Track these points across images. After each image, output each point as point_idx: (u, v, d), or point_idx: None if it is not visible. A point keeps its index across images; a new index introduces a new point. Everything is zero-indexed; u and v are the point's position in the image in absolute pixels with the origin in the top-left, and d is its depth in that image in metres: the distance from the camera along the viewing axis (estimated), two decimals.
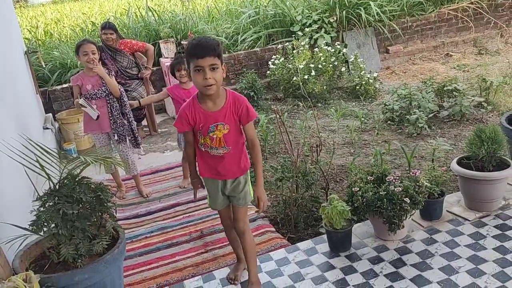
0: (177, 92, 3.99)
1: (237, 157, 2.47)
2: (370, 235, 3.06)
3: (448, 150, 4.30)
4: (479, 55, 7.77)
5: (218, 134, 2.37)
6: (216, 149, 2.41)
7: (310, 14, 7.38)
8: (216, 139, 2.38)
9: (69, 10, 12.99)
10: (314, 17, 7.29)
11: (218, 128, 2.36)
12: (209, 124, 2.35)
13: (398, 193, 2.78)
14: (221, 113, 2.35)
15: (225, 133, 2.37)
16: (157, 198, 4.16)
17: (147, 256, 3.25)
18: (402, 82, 6.59)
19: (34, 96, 5.33)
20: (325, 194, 3.56)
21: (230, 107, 2.36)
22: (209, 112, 2.36)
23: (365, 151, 4.65)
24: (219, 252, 3.20)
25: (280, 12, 7.57)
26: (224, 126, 2.36)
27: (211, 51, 2.17)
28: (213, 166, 2.48)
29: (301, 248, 3.02)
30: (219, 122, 2.35)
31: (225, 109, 2.35)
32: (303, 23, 7.31)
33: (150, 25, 7.44)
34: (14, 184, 2.71)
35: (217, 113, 2.35)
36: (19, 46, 5.29)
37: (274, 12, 7.62)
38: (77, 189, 2.20)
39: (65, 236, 2.15)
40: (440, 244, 2.89)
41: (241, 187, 2.53)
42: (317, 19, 7.28)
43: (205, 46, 2.18)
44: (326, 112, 5.89)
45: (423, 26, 8.06)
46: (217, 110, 2.35)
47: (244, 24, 7.66)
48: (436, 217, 3.14)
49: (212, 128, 2.36)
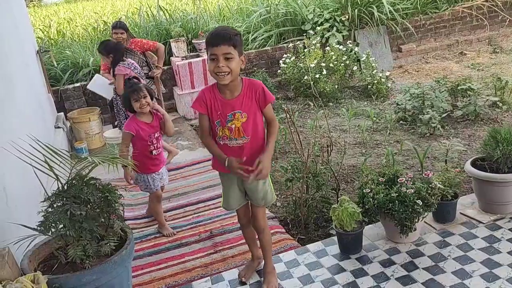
0: (140, 128, 3.26)
1: (258, 148, 2.44)
2: (381, 238, 3.02)
3: (462, 150, 4.23)
4: (494, 54, 7.64)
5: (236, 124, 2.36)
6: (235, 140, 2.40)
7: (322, 13, 7.32)
8: (235, 129, 2.38)
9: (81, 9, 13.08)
10: (326, 16, 7.23)
11: (235, 117, 2.36)
12: (226, 112, 2.36)
13: (410, 195, 2.73)
14: (238, 101, 2.36)
15: (243, 122, 2.36)
16: (167, 198, 4.15)
17: (156, 256, 3.25)
18: (415, 81, 6.51)
19: (46, 95, 5.36)
20: (335, 195, 3.52)
21: (247, 93, 2.36)
22: (226, 100, 2.37)
23: (377, 151, 4.60)
24: (229, 253, 3.18)
25: (292, 11, 7.52)
26: (241, 115, 2.36)
27: (226, 40, 2.20)
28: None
29: (311, 250, 2.99)
30: (236, 110, 2.35)
31: (242, 96, 2.36)
32: (315, 21, 7.25)
33: (161, 24, 7.45)
34: (23, 184, 2.72)
35: (234, 101, 2.36)
36: (31, 45, 5.33)
37: (286, 10, 7.58)
38: (85, 189, 2.19)
39: (73, 237, 2.14)
40: (453, 247, 2.83)
41: (260, 185, 2.51)
42: (328, 18, 7.22)
43: (221, 35, 2.21)
44: (337, 112, 5.84)
45: (437, 24, 7.95)
46: (234, 98, 2.36)
47: (255, 23, 7.63)
48: (449, 219, 3.08)
49: (230, 116, 2.36)
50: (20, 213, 2.47)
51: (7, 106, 2.93)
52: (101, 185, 2.32)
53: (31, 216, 2.35)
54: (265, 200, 2.58)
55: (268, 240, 2.70)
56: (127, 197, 4.15)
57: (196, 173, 4.58)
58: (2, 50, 3.31)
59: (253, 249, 2.84)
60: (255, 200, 2.58)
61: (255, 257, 2.85)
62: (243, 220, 2.75)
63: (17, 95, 3.41)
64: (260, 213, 2.63)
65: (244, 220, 2.74)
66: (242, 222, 2.76)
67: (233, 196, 2.60)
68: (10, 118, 2.94)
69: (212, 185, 4.24)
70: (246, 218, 2.73)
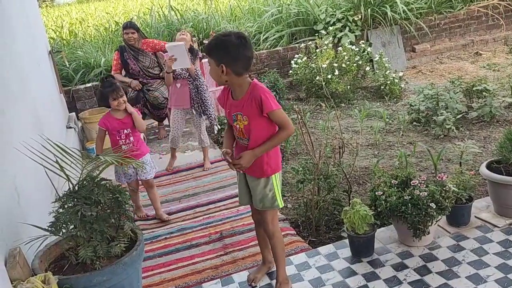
0: (111, 123, 3.56)
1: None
2: (393, 241, 2.99)
3: (476, 153, 4.18)
4: (510, 54, 7.54)
5: (239, 125, 2.43)
6: (241, 139, 2.48)
7: (334, 13, 7.29)
8: (238, 129, 2.44)
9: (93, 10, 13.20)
10: (338, 16, 7.20)
11: (238, 118, 2.42)
12: (232, 112, 2.45)
13: (424, 197, 2.71)
14: (241, 103, 2.40)
15: (245, 125, 2.41)
16: (177, 199, 4.17)
17: (167, 257, 3.26)
18: (429, 81, 6.45)
19: (58, 95, 5.42)
20: (347, 197, 3.50)
21: (248, 98, 2.38)
22: (232, 100, 2.45)
23: (390, 153, 4.57)
24: (239, 254, 3.18)
25: (304, 11, 7.50)
26: (243, 117, 2.40)
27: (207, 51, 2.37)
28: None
29: (322, 253, 2.98)
30: (239, 111, 2.41)
31: (244, 99, 2.40)
32: (327, 21, 7.23)
33: (172, 25, 7.49)
34: (35, 185, 2.75)
35: (238, 102, 2.42)
36: (44, 46, 5.39)
37: (297, 10, 7.56)
38: (96, 190, 2.20)
39: (84, 238, 2.16)
40: (467, 252, 2.80)
41: (259, 189, 2.50)
42: (341, 18, 7.19)
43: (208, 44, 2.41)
44: (350, 113, 5.81)
45: (452, 24, 7.88)
46: (238, 99, 2.42)
47: (267, 23, 7.63)
48: (464, 223, 3.05)
49: (234, 117, 2.44)
50: (31, 213, 2.50)
51: (19, 106, 2.96)
52: (112, 186, 2.34)
53: (43, 216, 2.38)
54: (263, 203, 2.52)
55: (279, 247, 2.61)
56: None
57: (207, 174, 4.59)
58: (15, 50, 3.35)
59: (264, 251, 2.80)
60: (254, 201, 2.57)
61: (266, 261, 2.81)
62: (256, 215, 2.71)
63: (30, 95, 3.45)
64: (266, 217, 2.55)
65: (257, 216, 2.70)
66: (255, 218, 2.74)
67: (242, 193, 2.65)
68: (22, 118, 2.97)
69: (222, 186, 4.25)
70: (259, 214, 2.66)
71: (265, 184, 2.50)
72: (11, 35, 3.35)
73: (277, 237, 2.61)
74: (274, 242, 2.61)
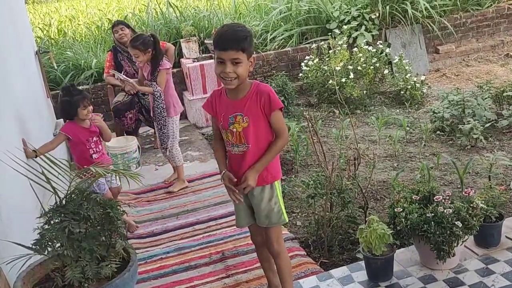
0: (79, 131, 3.61)
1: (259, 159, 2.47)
2: (415, 263, 2.98)
3: (507, 165, 4.18)
4: None
5: (237, 128, 2.42)
6: (237, 147, 2.46)
7: (349, 10, 7.33)
8: (236, 133, 2.43)
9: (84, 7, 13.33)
10: (354, 13, 7.24)
11: (237, 120, 2.42)
12: (228, 114, 2.43)
13: (448, 215, 2.70)
14: (242, 103, 2.42)
15: (244, 127, 2.41)
16: (175, 215, 4.18)
17: (162, 280, 3.27)
18: (454, 86, 6.46)
19: (44, 100, 5.45)
20: (363, 214, 3.50)
21: (252, 97, 2.41)
22: (229, 100, 2.45)
23: (410, 165, 4.57)
24: (242, 277, 3.18)
25: (315, 8, 7.55)
26: (243, 118, 2.41)
27: (235, 45, 2.28)
28: (235, 168, 2.50)
29: (335, 276, 2.97)
30: (238, 112, 2.41)
31: (246, 98, 2.42)
32: (341, 19, 7.27)
33: (171, 23, 7.54)
34: (18, 198, 2.76)
35: (237, 102, 2.42)
36: (30, 46, 5.44)
37: (308, 7, 7.61)
38: (85, 205, 2.21)
39: (71, 257, 2.16)
40: (497, 276, 2.78)
41: (264, 204, 2.51)
42: (356, 16, 7.23)
43: (230, 39, 2.29)
44: (366, 120, 5.82)
45: (479, 23, 7.89)
46: (238, 99, 2.43)
47: (275, 21, 7.67)
48: (493, 244, 3.03)
49: (231, 119, 2.43)
50: (14, 229, 2.51)
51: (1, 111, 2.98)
52: (103, 200, 2.35)
53: (26, 233, 2.38)
54: (269, 220, 2.53)
55: (286, 268, 2.62)
56: (130, 213, 4.18)
57: (208, 187, 4.60)
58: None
59: (269, 275, 2.81)
60: (258, 219, 2.57)
61: (272, 285, 2.82)
62: (256, 238, 2.74)
63: (14, 100, 3.48)
64: (272, 235, 2.56)
65: (257, 239, 2.73)
66: (256, 240, 2.75)
67: (241, 213, 2.64)
68: (5, 125, 2.99)
69: (225, 201, 4.25)
70: (260, 237, 2.71)
71: (269, 196, 2.51)
72: None
73: (284, 258, 2.62)
74: (280, 263, 2.60)
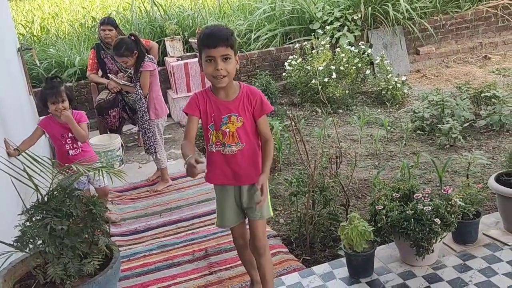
0: (52, 127, 3.58)
1: (253, 157, 2.49)
2: (395, 260, 3.01)
3: (485, 164, 4.22)
4: None
5: (231, 128, 2.42)
6: (229, 147, 2.45)
7: (332, 11, 7.36)
8: (229, 133, 2.43)
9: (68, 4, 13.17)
10: (336, 14, 7.27)
11: (231, 120, 2.42)
12: (221, 114, 2.42)
13: (428, 212, 2.73)
14: (235, 104, 2.42)
15: (238, 127, 2.42)
16: (158, 212, 4.15)
17: (145, 277, 3.24)
18: (434, 87, 6.52)
19: (27, 97, 5.38)
20: (345, 211, 3.51)
21: (244, 99, 2.43)
22: (222, 101, 2.43)
23: (391, 164, 4.60)
24: (225, 274, 3.17)
25: (299, 8, 7.56)
26: (237, 118, 2.42)
27: (224, 41, 2.29)
28: (226, 168, 2.48)
29: (317, 272, 2.98)
30: (233, 113, 2.42)
31: (239, 99, 2.43)
32: (324, 20, 7.29)
33: (155, 21, 7.49)
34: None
35: (230, 103, 2.43)
36: (12, 43, 5.36)
37: (292, 8, 7.62)
38: (67, 202, 2.19)
39: (53, 255, 2.14)
40: (475, 272, 2.82)
41: (257, 195, 2.50)
42: (339, 16, 7.26)
43: (218, 36, 2.30)
44: (348, 120, 5.85)
45: (459, 25, 7.98)
46: (230, 100, 2.43)
47: (258, 21, 7.67)
48: (471, 240, 3.07)
49: (225, 119, 2.42)
50: None
51: None
52: (85, 197, 2.33)
53: (7, 230, 2.35)
54: (261, 212, 2.54)
55: (269, 266, 2.63)
56: (113, 211, 4.15)
57: (191, 185, 4.58)
58: None
59: (252, 273, 2.81)
60: (251, 213, 2.55)
61: (255, 282, 2.82)
62: (239, 240, 2.73)
63: None
64: (260, 229, 2.56)
65: (240, 241, 2.73)
66: (239, 243, 2.74)
67: (229, 212, 2.60)
68: None
69: (208, 199, 4.24)
70: (243, 239, 2.71)
71: None
72: None
73: (268, 256, 2.62)
74: (265, 262, 2.59)
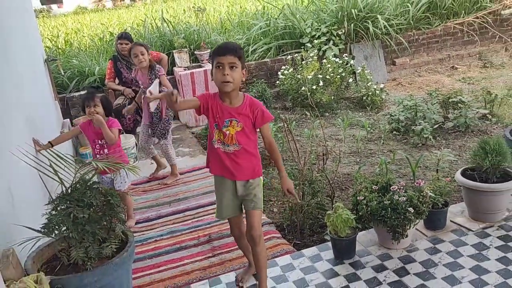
0: (88, 130, 3.54)
1: (249, 158, 2.48)
2: (374, 243, 3.01)
3: (452, 161, 4.23)
4: (484, 68, 7.68)
5: (231, 131, 2.42)
6: (228, 146, 2.45)
7: (319, 27, 7.36)
8: (228, 135, 2.43)
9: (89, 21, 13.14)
10: (323, 30, 7.27)
11: (231, 124, 2.42)
12: (224, 117, 2.42)
13: (402, 202, 2.73)
14: (237, 110, 2.42)
15: (237, 131, 2.42)
16: (168, 202, 4.14)
17: (157, 259, 3.24)
18: (408, 93, 6.53)
19: (52, 102, 5.36)
20: (330, 202, 3.51)
21: (246, 108, 2.43)
22: (226, 106, 2.43)
23: (371, 160, 4.60)
24: (226, 256, 3.17)
25: (290, 25, 7.55)
26: (237, 124, 2.41)
27: (233, 51, 2.34)
28: (225, 163, 2.48)
29: (306, 255, 2.98)
30: (234, 118, 2.41)
31: (241, 108, 2.42)
32: (312, 35, 7.28)
33: (165, 36, 7.47)
34: (29, 187, 2.71)
35: (233, 109, 2.43)
36: (40, 54, 5.34)
37: (284, 24, 7.61)
38: (88, 193, 2.19)
39: (76, 239, 2.14)
40: (443, 254, 2.83)
41: (253, 187, 2.50)
42: (325, 32, 7.26)
43: (228, 47, 2.35)
44: (333, 122, 5.85)
45: (429, 40, 7.99)
46: (234, 107, 2.43)
47: (255, 36, 7.65)
48: (440, 227, 3.08)
49: (227, 122, 2.42)
50: (25, 215, 2.46)
51: (16, 112, 2.93)
52: (104, 189, 2.32)
53: (36, 218, 2.35)
54: (256, 202, 2.50)
55: (263, 254, 2.52)
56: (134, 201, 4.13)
57: (197, 179, 4.57)
58: (13, 59, 3.32)
59: (249, 257, 2.77)
60: (247, 204, 2.51)
61: (251, 264, 2.79)
62: (235, 231, 2.69)
63: (26, 102, 3.41)
64: (256, 218, 2.49)
65: (236, 231, 2.69)
66: (235, 233, 2.71)
67: (227, 204, 2.56)
68: (18, 123, 2.94)
69: (211, 191, 4.23)
70: (239, 230, 2.68)
71: (257, 183, 2.53)
72: (9, 44, 3.32)
73: (262, 245, 2.53)
74: (260, 250, 2.50)
